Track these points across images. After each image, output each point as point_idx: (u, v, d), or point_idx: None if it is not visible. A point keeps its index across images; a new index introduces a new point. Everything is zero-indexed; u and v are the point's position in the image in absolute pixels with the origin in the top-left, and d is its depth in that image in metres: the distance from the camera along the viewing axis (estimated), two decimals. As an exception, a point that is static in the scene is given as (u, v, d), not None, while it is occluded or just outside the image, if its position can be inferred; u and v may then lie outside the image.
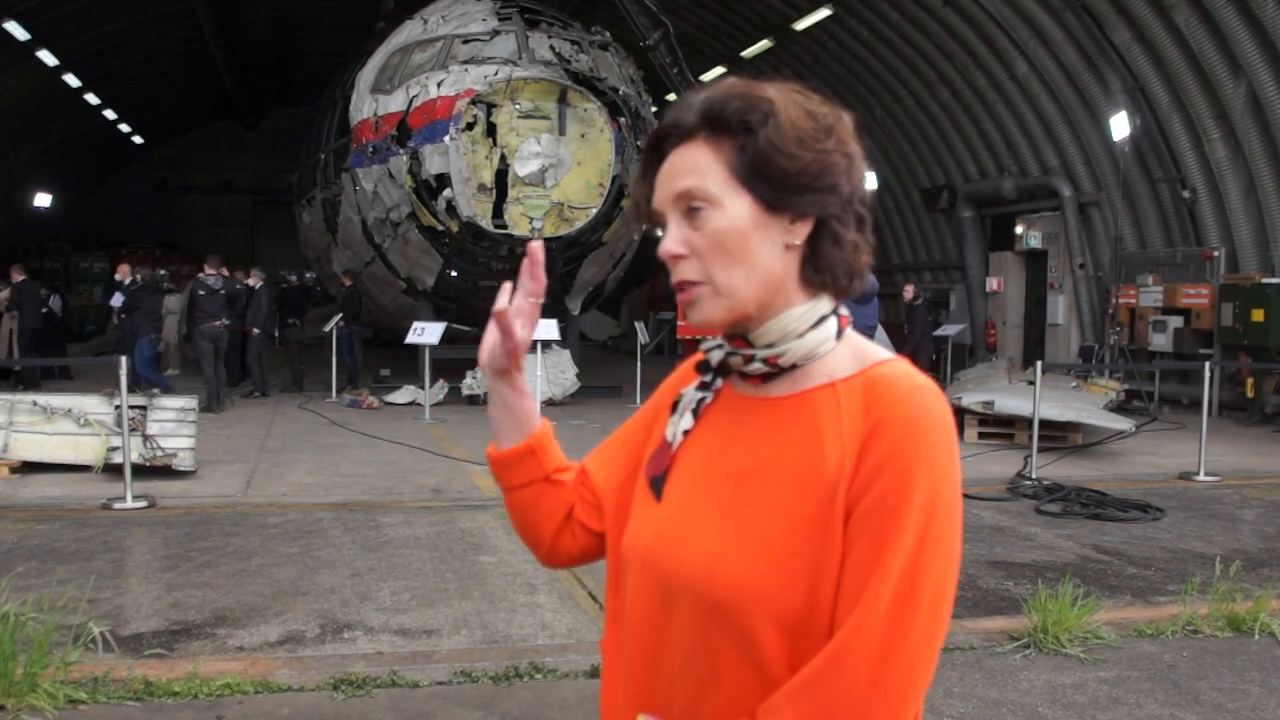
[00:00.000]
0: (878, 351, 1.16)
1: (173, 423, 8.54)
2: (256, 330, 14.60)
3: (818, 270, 1.14)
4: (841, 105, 1.17)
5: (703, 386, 1.25)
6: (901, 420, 1.07)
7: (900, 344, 14.64)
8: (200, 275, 13.54)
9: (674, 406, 1.27)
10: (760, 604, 1.08)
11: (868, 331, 8.03)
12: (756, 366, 1.17)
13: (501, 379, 1.29)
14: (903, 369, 1.13)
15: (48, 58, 19.11)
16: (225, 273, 13.80)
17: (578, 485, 1.35)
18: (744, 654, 1.09)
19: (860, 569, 1.05)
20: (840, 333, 1.17)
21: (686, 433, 1.23)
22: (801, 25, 19.11)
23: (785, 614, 1.07)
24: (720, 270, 1.12)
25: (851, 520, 1.07)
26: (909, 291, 16.59)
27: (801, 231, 1.13)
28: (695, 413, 1.24)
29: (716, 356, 1.22)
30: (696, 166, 1.12)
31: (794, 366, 1.16)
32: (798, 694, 1.04)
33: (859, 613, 1.04)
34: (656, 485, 1.22)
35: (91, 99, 23.46)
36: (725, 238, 1.11)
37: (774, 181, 1.10)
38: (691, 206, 1.12)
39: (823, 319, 1.15)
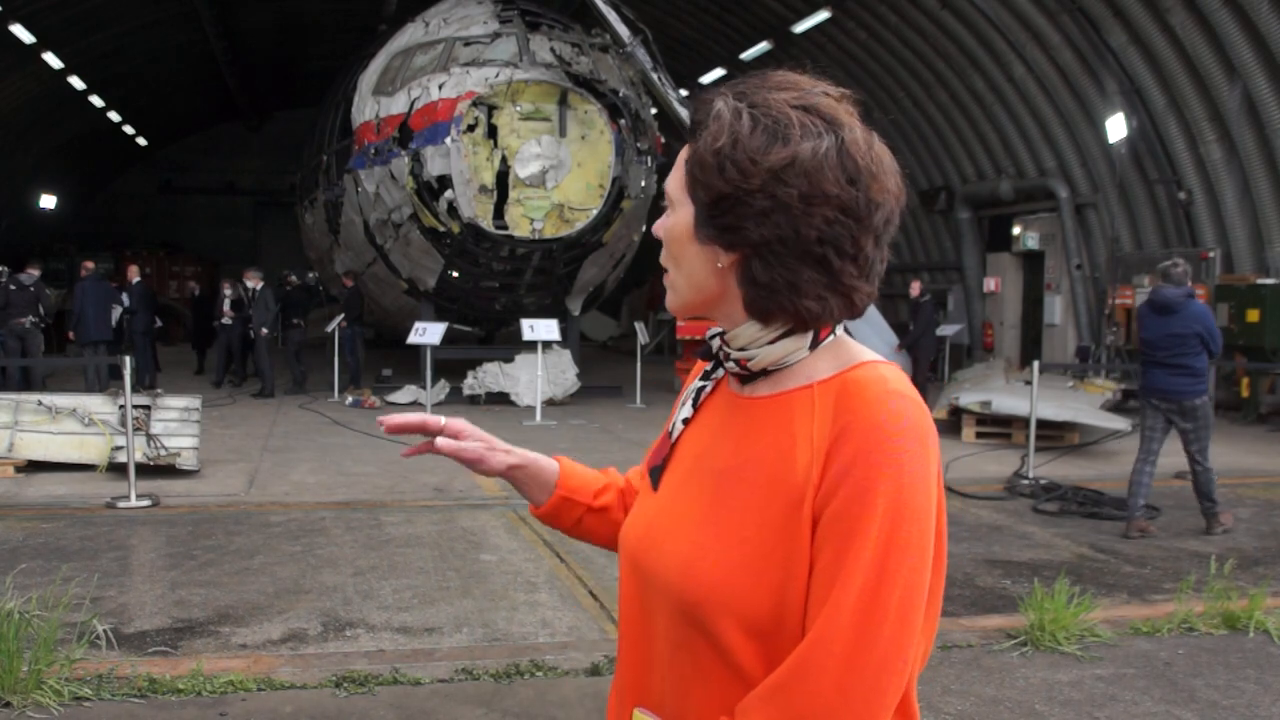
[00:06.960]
0: (862, 354, 1.12)
1: (176, 422, 8.58)
2: (265, 330, 14.65)
3: (756, 300, 1.10)
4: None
5: (705, 376, 1.25)
6: (867, 426, 1.04)
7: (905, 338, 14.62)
8: (22, 274, 13.88)
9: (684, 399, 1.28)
10: (727, 607, 1.06)
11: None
12: (731, 366, 1.17)
13: (510, 471, 1.41)
14: (880, 372, 1.09)
15: (53, 60, 19.16)
16: (36, 273, 14.20)
17: (628, 493, 1.43)
18: (718, 654, 1.09)
19: (825, 577, 1.03)
20: (817, 340, 1.12)
21: (686, 422, 1.23)
22: (800, 28, 19.06)
23: (752, 618, 1.06)
24: (670, 265, 1.17)
25: (819, 526, 1.04)
26: (915, 288, 16.60)
27: (724, 258, 1.10)
28: (694, 403, 1.24)
29: (714, 345, 1.21)
30: (679, 164, 1.14)
31: (765, 371, 1.14)
32: (767, 700, 1.03)
33: (821, 623, 1.01)
34: (654, 475, 1.23)
35: (96, 101, 23.50)
36: (669, 239, 1.15)
37: (696, 200, 1.11)
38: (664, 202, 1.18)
39: (792, 329, 1.12)
